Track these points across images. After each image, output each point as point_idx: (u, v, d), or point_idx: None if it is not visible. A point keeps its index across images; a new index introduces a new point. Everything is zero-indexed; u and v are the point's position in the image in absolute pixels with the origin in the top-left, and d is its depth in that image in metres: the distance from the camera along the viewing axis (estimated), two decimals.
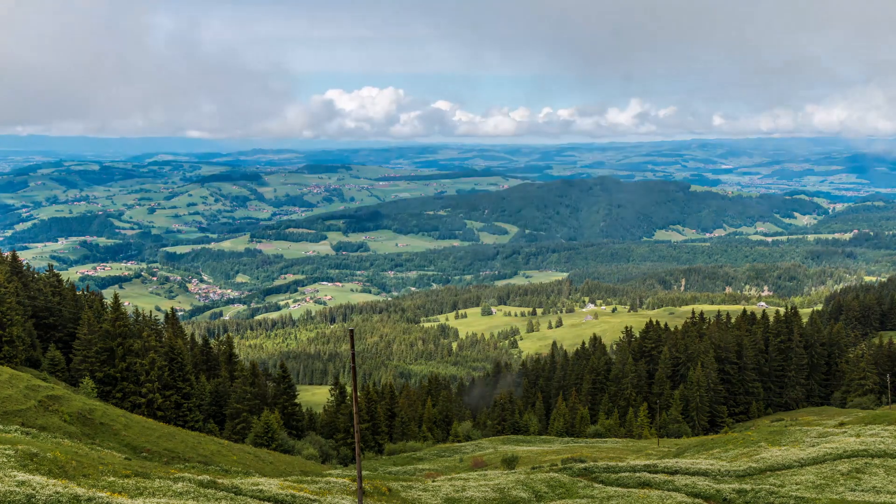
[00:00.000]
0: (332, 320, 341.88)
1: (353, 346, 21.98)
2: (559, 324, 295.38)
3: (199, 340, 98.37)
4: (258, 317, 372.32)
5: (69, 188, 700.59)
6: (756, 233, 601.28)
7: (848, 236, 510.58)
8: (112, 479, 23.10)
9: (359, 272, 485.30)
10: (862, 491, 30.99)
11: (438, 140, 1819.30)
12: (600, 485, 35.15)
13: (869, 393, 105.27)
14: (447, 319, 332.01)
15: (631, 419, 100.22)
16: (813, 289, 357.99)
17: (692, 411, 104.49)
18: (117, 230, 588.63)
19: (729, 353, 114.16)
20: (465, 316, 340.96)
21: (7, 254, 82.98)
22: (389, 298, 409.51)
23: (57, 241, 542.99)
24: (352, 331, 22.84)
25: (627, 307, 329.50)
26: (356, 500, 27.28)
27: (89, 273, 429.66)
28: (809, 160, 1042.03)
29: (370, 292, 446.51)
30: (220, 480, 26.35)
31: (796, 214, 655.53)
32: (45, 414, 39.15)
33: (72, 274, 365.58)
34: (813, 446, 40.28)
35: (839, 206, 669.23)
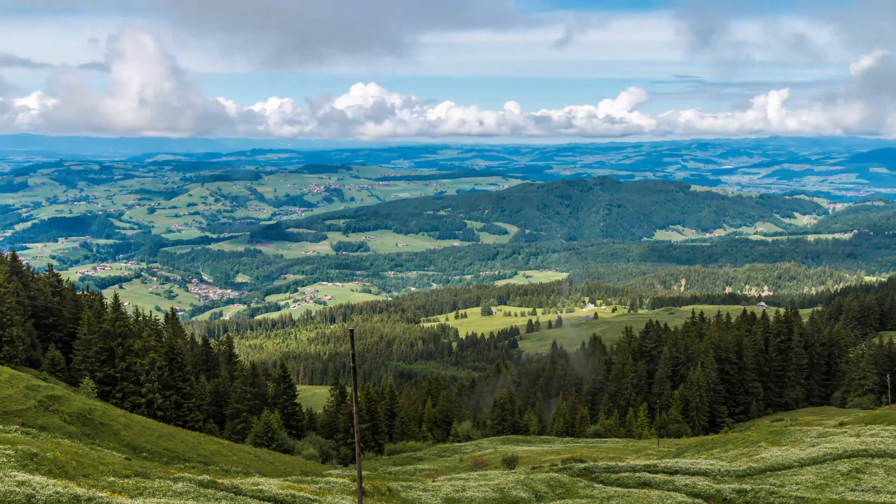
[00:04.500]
0: (333, 320, 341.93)
1: (353, 346, 21.97)
2: (559, 324, 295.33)
3: (199, 340, 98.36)
4: (258, 317, 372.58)
5: (69, 188, 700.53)
6: (756, 233, 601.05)
7: (848, 236, 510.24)
8: (112, 479, 23.11)
9: (359, 272, 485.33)
10: (862, 491, 30.98)
11: (438, 140, 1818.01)
12: (600, 485, 35.14)
13: (869, 393, 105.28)
14: (447, 319, 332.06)
15: (631, 419, 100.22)
16: (813, 289, 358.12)
17: (692, 411, 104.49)
18: (117, 230, 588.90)
19: (729, 353, 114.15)
20: (465, 316, 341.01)
21: (7, 254, 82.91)
22: (389, 298, 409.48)
23: (57, 241, 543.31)
24: (352, 331, 22.84)
25: (627, 307, 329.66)
26: (356, 500, 27.27)
27: (89, 273, 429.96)
28: (809, 160, 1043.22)
29: (370, 292, 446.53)
30: (220, 480, 26.35)
31: (796, 214, 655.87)
32: (45, 414, 39.15)
33: (72, 274, 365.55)
34: (813, 446, 40.27)
35: (839, 206, 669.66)
